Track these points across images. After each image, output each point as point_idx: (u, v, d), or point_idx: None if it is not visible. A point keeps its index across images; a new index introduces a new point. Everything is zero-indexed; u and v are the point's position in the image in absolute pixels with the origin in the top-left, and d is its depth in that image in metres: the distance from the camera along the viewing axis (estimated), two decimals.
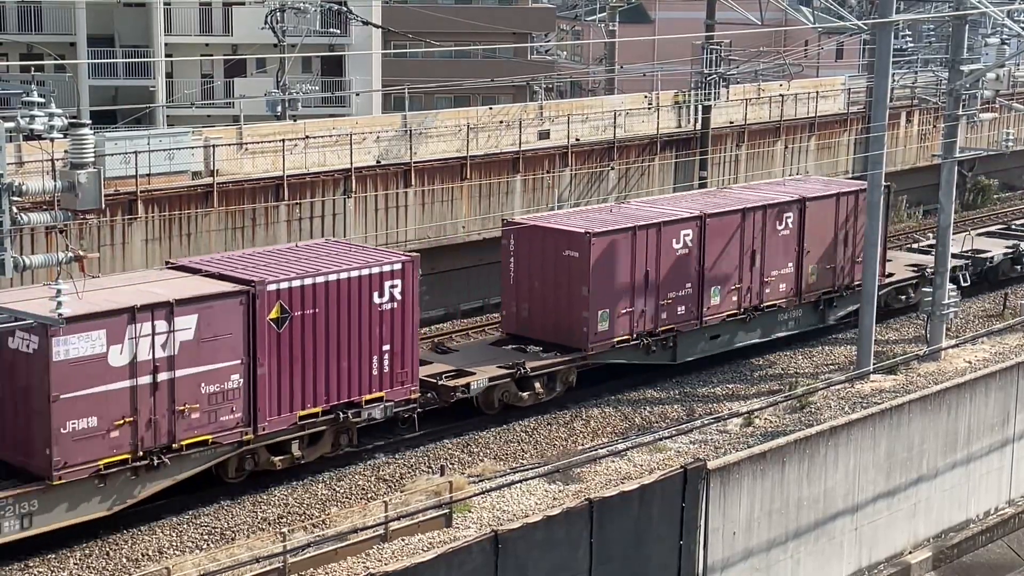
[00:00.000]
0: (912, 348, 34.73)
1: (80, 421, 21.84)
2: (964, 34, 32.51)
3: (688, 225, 31.34)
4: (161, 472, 22.95)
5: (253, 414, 24.09)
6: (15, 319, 20.58)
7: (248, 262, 25.57)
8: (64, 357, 21.59)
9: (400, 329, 26.06)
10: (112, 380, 22.19)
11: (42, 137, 20.43)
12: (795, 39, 61.73)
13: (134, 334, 22.33)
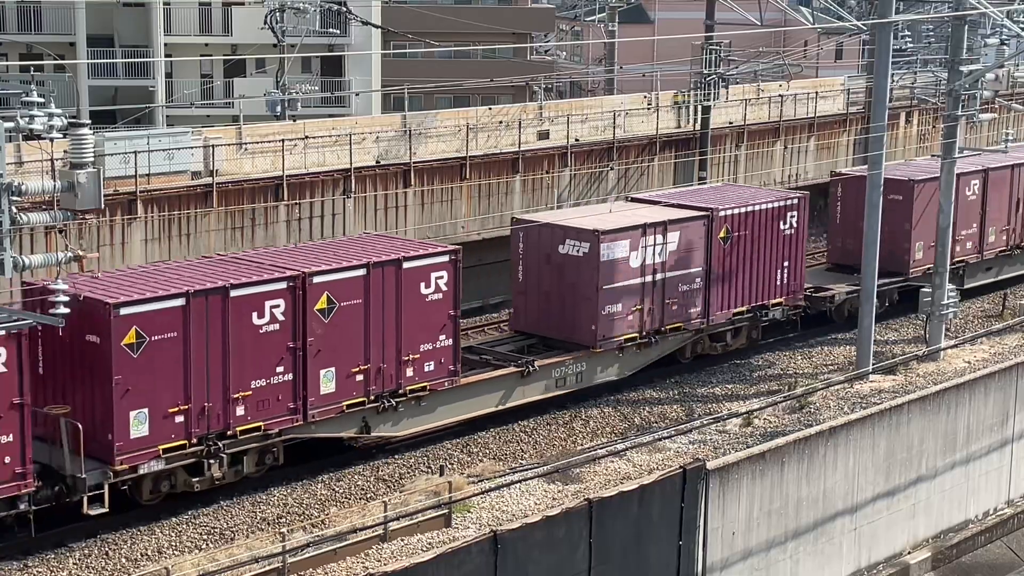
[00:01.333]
0: (911, 348, 34.74)
1: (612, 307, 29.80)
2: (963, 34, 32.52)
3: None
4: (653, 349, 31.04)
5: (707, 309, 31.70)
6: None
7: (701, 196, 33.65)
8: (606, 258, 29.45)
9: (795, 250, 33.48)
10: (631, 277, 30.06)
11: (42, 137, 20.46)
12: (794, 39, 61.74)
13: (644, 244, 30.24)
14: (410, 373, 26.14)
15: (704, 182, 43.86)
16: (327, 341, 24.75)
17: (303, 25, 48.29)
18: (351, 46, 57.16)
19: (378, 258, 25.77)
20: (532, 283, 30.65)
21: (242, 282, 23.76)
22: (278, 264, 25.09)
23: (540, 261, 30.44)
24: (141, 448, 22.50)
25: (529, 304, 30.75)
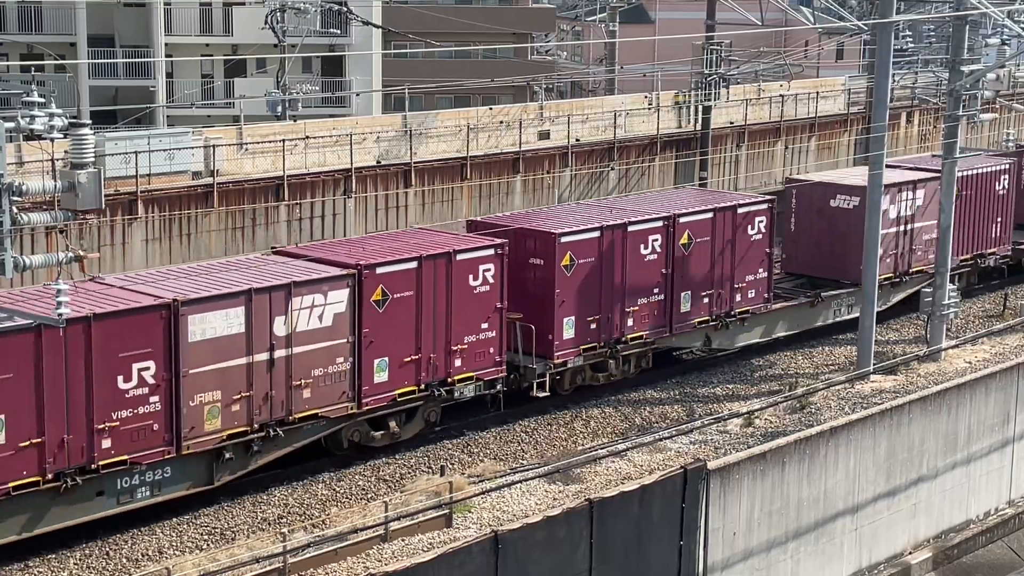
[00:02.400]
0: (912, 348, 34.73)
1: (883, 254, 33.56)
2: (964, 34, 32.51)
3: None
4: (900, 288, 36.71)
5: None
6: None
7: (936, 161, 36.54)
8: None
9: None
10: (887, 227, 34.08)
11: (42, 137, 20.46)
12: (795, 39, 61.73)
13: (897, 199, 35.22)
14: (739, 299, 32.45)
15: (705, 182, 43.88)
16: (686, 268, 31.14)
17: (304, 25, 48.32)
18: (352, 46, 57.18)
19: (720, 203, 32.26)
20: (803, 232, 36.17)
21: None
22: None
23: (812, 214, 35.82)
24: (569, 347, 29.00)
25: (800, 250, 36.33)
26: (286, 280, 24.28)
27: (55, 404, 21.48)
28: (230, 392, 23.52)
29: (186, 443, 23.08)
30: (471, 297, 27.00)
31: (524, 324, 28.16)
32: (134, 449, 22.45)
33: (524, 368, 28.41)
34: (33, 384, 21.17)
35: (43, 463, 21.46)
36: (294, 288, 24.21)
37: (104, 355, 21.94)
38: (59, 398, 21.50)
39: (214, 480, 23.85)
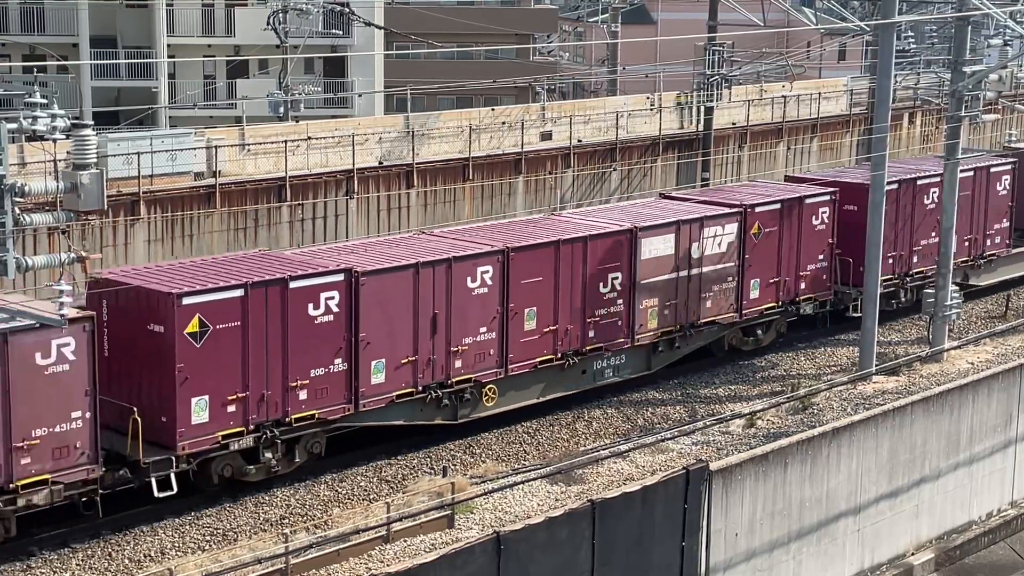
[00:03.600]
0: (914, 349, 34.71)
1: None
2: (967, 35, 32.49)
3: None
4: None
5: None
6: None
7: None
8: None
9: None
10: None
11: (45, 138, 20.47)
12: (797, 40, 61.71)
13: None
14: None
15: (707, 183, 43.87)
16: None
17: (306, 26, 48.36)
18: (354, 47, 57.18)
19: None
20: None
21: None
22: None
23: None
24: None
25: None
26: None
27: (564, 302, 28.51)
28: (664, 300, 30.38)
29: (637, 337, 30.01)
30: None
31: None
32: (609, 338, 29.62)
33: None
34: (552, 286, 28.24)
35: (556, 346, 28.53)
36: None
37: (593, 266, 28.95)
38: (566, 297, 28.57)
39: (651, 367, 30.75)
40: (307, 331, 24.22)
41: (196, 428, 23.07)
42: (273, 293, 23.66)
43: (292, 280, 23.90)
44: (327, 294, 24.45)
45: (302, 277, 24.21)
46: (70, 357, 21.18)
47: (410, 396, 26.02)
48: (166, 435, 22.78)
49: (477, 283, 26.92)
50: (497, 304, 27.26)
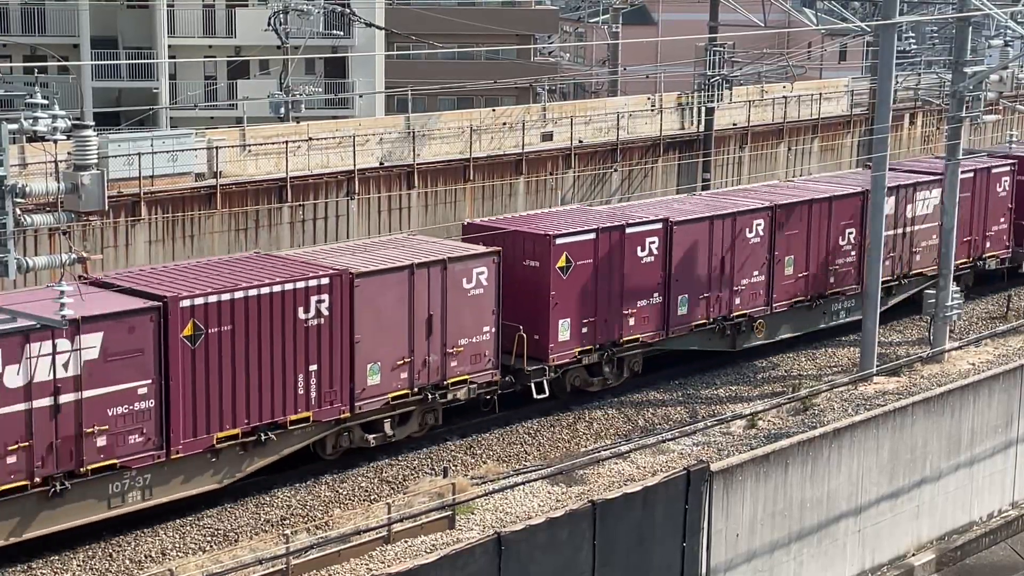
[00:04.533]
0: (915, 350, 34.70)
1: None
2: (967, 36, 32.49)
3: None
4: None
5: None
6: None
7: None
8: None
9: None
10: None
11: (46, 139, 20.46)
12: (798, 41, 61.70)
13: None
14: None
15: (708, 184, 43.87)
16: None
17: (307, 27, 48.33)
18: (355, 47, 57.19)
19: None
20: None
21: None
22: None
23: None
24: None
25: None
26: None
27: (814, 251, 33.85)
28: (886, 253, 33.94)
29: None
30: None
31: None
32: (844, 285, 34.71)
33: None
34: (805, 238, 33.47)
35: (807, 289, 33.98)
36: None
37: (836, 223, 34.23)
38: (814, 248, 33.84)
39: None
40: (637, 270, 29.92)
41: (561, 345, 28.89)
42: (615, 236, 29.75)
43: (628, 227, 29.97)
44: (650, 239, 30.34)
45: (633, 224, 30.14)
46: (484, 283, 27.26)
47: (703, 327, 31.78)
48: (540, 350, 28.61)
49: (752, 234, 32.45)
50: (765, 252, 32.72)
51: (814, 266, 34.00)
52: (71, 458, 21.73)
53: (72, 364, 21.52)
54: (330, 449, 25.79)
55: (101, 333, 21.82)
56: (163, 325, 22.52)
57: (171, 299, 22.68)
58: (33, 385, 21.19)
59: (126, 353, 22.16)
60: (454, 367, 26.87)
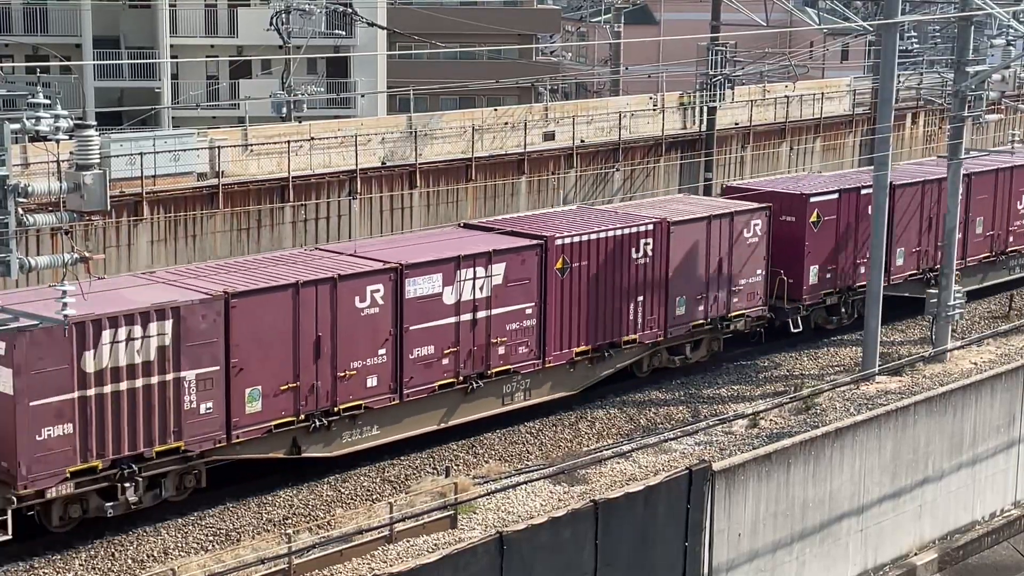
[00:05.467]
0: (917, 349, 34.69)
1: None
2: (970, 35, 32.48)
3: None
4: None
5: None
6: None
7: None
8: None
9: None
10: None
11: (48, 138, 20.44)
12: (800, 40, 61.70)
13: None
14: None
15: (710, 183, 43.86)
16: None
17: (309, 26, 48.32)
18: (357, 47, 57.18)
19: None
20: None
21: None
22: None
23: None
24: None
25: None
26: None
27: (999, 214, 39.35)
28: None
29: None
30: None
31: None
32: (1021, 244, 40.40)
33: None
34: (992, 201, 38.44)
35: (993, 247, 39.63)
36: None
37: (1016, 189, 39.76)
38: (999, 211, 39.36)
39: None
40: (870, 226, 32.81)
41: (811, 288, 34.37)
42: (854, 197, 34.90)
43: (862, 189, 34.75)
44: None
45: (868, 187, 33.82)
46: (759, 233, 32.56)
47: (912, 277, 37.09)
48: (795, 291, 33.83)
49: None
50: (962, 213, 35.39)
51: (1000, 227, 39.72)
52: (482, 362, 27.44)
53: (486, 287, 27.29)
54: (645, 367, 31.24)
55: (504, 263, 27.61)
56: (543, 259, 28.20)
57: (549, 238, 28.49)
58: (461, 303, 26.91)
59: (519, 280, 27.92)
60: (735, 303, 32.42)
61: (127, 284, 24.31)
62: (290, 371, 24.40)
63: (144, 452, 22.69)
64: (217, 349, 23.30)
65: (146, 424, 22.56)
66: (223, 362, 23.40)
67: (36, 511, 21.94)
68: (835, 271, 34.84)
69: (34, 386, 21.22)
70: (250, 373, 23.78)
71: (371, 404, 25.72)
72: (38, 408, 21.28)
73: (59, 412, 21.48)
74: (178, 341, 22.73)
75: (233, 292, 23.66)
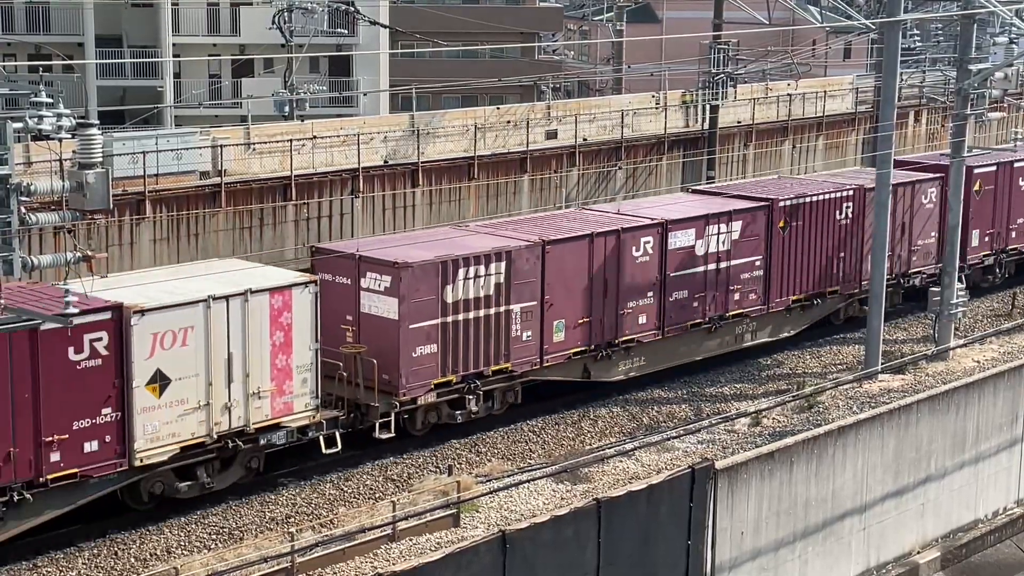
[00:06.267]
0: (920, 348, 34.68)
1: None
2: (972, 33, 32.45)
3: None
4: None
5: None
6: None
7: None
8: None
9: None
10: None
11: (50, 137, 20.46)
12: (803, 38, 61.67)
13: None
14: None
15: (712, 182, 43.83)
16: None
17: (311, 25, 48.33)
18: (359, 46, 57.19)
19: None
20: None
21: None
22: None
23: None
24: None
25: None
26: None
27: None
28: None
29: None
30: None
31: None
32: None
33: None
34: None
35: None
36: None
37: None
38: None
39: None
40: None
41: (972, 250, 38.01)
42: (1007, 170, 38.84)
43: (975, 169, 37.25)
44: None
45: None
46: (934, 200, 36.56)
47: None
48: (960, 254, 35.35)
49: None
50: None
51: None
52: (722, 306, 31.92)
53: (726, 241, 31.65)
54: (841, 317, 35.45)
55: (740, 221, 31.89)
56: (769, 218, 32.63)
57: (774, 200, 32.98)
58: (708, 254, 31.27)
59: (750, 236, 32.35)
60: (914, 261, 36.47)
61: (453, 235, 29.46)
62: (586, 307, 29.21)
63: (483, 371, 27.69)
64: (535, 287, 28.32)
65: (485, 347, 27.57)
66: (539, 297, 28.38)
67: (404, 417, 26.70)
68: (992, 235, 39.12)
69: (412, 312, 26.26)
70: (557, 308, 28.68)
71: (641, 338, 30.38)
72: (414, 330, 26.30)
73: (428, 334, 26.51)
74: (509, 279, 27.71)
75: (547, 240, 28.53)
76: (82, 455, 22.05)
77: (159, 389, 22.74)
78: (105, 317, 22.05)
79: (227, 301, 23.35)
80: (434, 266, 26.45)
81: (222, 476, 24.17)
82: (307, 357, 24.50)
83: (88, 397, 22.11)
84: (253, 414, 23.88)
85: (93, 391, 22.11)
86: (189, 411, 23.16)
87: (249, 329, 23.65)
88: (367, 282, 26.46)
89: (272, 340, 24.02)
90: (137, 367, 22.34)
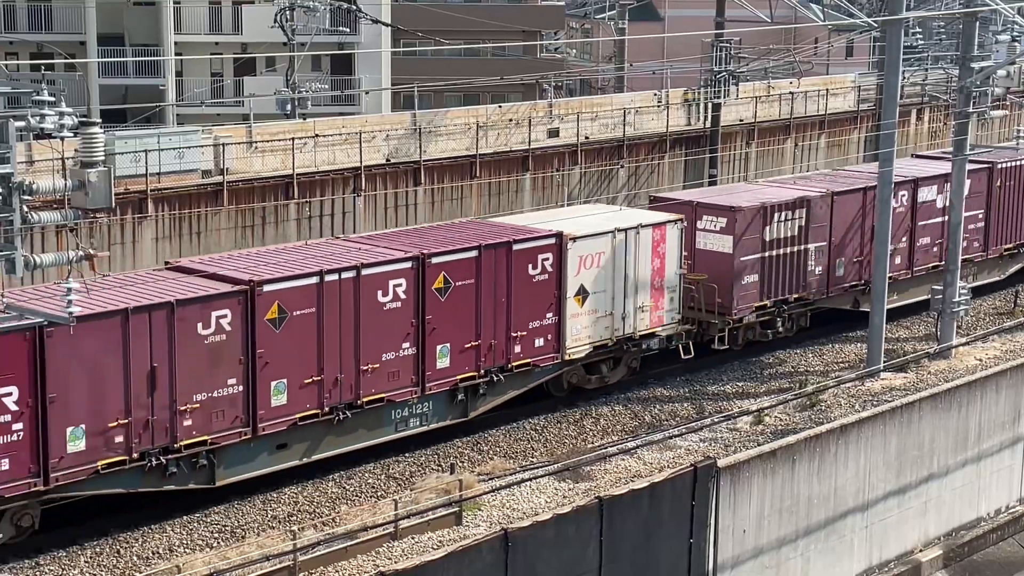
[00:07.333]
0: (922, 346, 34.66)
1: None
2: (975, 31, 32.43)
3: None
4: None
5: None
6: None
7: None
8: None
9: None
10: None
11: (52, 136, 20.47)
12: (805, 37, 61.63)
13: None
14: None
15: (715, 180, 43.83)
16: None
17: (313, 23, 48.38)
18: (361, 44, 57.22)
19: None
20: None
21: None
22: None
23: None
24: None
25: None
26: None
27: None
28: None
29: None
30: None
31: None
32: None
33: None
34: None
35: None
36: None
37: None
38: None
39: None
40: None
41: None
42: None
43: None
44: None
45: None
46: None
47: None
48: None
49: None
50: None
51: None
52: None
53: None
54: None
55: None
56: (990, 179, 37.39)
57: (993, 163, 37.61)
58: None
59: (975, 192, 35.97)
60: None
61: (757, 187, 35.10)
62: (858, 248, 34.49)
63: (787, 297, 32.93)
64: (825, 231, 33.47)
65: (790, 279, 32.77)
66: (828, 239, 33.51)
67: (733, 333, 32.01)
68: None
69: (742, 247, 31.58)
70: (838, 247, 33.99)
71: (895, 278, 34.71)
72: (744, 262, 31.65)
73: (752, 266, 31.84)
74: (807, 223, 32.96)
75: (834, 191, 33.86)
76: (533, 349, 28.01)
77: (582, 300, 28.57)
78: (551, 242, 27.87)
79: (626, 233, 29.18)
80: (759, 210, 31.86)
81: (614, 372, 30.05)
82: (675, 280, 30.37)
83: (539, 304, 27.85)
84: (639, 323, 29.78)
85: (542, 298, 27.91)
86: (600, 318, 28.96)
87: (639, 255, 29.50)
88: (703, 223, 31.86)
89: (652, 265, 29.83)
90: (569, 282, 28.16)
